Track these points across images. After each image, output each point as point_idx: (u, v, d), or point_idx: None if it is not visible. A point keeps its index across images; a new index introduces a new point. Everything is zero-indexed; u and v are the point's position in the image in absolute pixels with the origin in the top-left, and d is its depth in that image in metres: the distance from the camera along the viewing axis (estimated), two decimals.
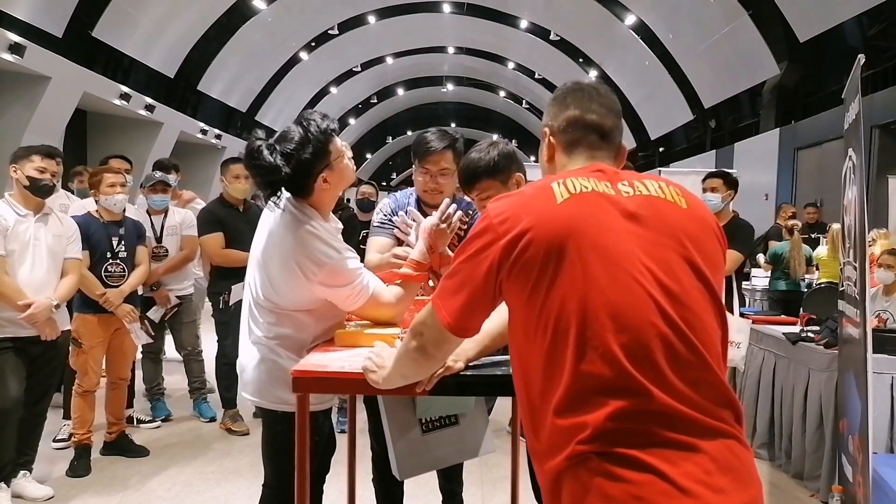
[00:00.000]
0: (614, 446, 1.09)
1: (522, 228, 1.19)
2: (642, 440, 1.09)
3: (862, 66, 2.91)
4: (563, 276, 1.16)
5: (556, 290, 1.16)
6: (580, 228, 1.18)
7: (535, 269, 1.18)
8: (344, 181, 2.06)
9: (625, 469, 1.07)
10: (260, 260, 2.03)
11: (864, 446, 2.59)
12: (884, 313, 4.16)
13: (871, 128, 9.10)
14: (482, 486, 3.50)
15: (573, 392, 1.13)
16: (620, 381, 1.11)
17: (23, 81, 9.71)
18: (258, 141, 1.91)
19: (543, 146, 1.44)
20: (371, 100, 27.59)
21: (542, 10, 18.06)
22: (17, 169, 3.20)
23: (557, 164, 1.40)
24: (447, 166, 2.45)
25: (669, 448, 1.08)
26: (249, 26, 15.79)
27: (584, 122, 1.37)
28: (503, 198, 1.29)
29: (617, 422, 1.09)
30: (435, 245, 2.14)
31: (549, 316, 1.17)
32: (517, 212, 1.22)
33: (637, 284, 1.15)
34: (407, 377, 1.51)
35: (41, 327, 3.15)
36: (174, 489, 3.50)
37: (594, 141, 1.37)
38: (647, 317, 1.14)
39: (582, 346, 1.13)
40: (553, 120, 1.41)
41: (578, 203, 1.22)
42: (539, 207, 1.22)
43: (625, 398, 1.10)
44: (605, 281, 1.15)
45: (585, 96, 1.39)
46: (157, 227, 4.46)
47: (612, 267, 1.16)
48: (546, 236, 1.18)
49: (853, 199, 2.96)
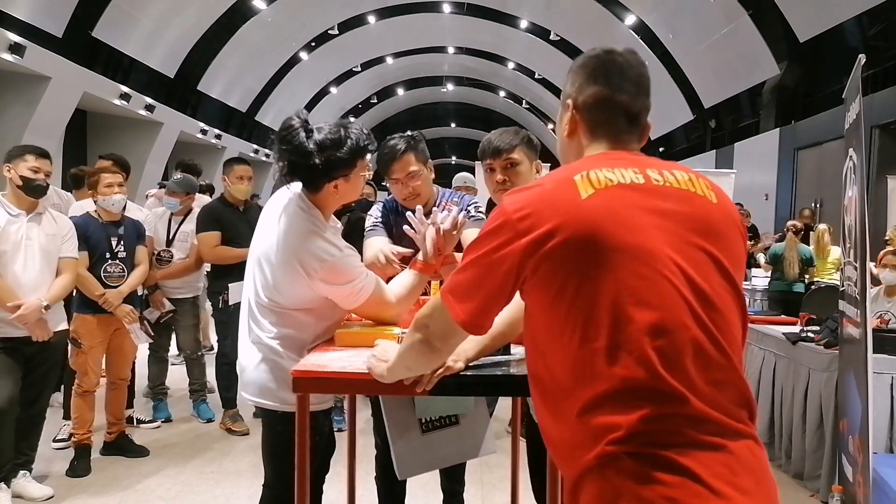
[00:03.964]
0: (648, 447, 1.06)
1: (548, 229, 1.12)
2: (675, 441, 1.06)
3: (862, 66, 2.91)
4: (592, 278, 1.10)
5: (586, 293, 1.11)
6: (608, 227, 1.11)
7: (561, 271, 1.12)
8: (351, 196, 2.09)
9: (658, 471, 1.04)
10: (261, 258, 2.03)
11: (864, 446, 2.59)
12: (886, 314, 4.16)
13: (871, 128, 9.10)
14: (482, 486, 3.50)
15: (605, 394, 1.08)
16: (655, 385, 1.07)
17: (23, 81, 9.71)
18: (296, 120, 1.93)
19: (564, 119, 1.31)
20: (371, 100, 27.58)
21: (542, 10, 18.06)
22: (10, 168, 3.20)
23: (577, 143, 1.30)
24: (414, 168, 2.43)
25: (700, 449, 1.06)
26: (249, 26, 15.79)
27: (614, 103, 1.26)
28: (520, 191, 1.20)
29: (650, 424, 1.06)
30: (443, 248, 2.15)
31: (578, 318, 1.11)
32: (539, 208, 1.14)
33: (670, 285, 1.11)
34: (411, 369, 1.49)
35: (31, 328, 3.13)
36: (174, 489, 3.50)
37: (622, 124, 1.27)
38: (681, 320, 1.10)
39: (615, 349, 1.08)
40: (578, 92, 1.28)
41: (604, 199, 1.14)
42: (563, 204, 1.14)
43: (659, 402, 1.07)
44: (636, 282, 1.10)
45: (617, 71, 1.26)
46: (173, 230, 4.45)
47: (644, 267, 1.11)
48: (573, 236, 1.11)
49: (853, 198, 2.96)
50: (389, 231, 2.53)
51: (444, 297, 1.25)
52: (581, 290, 1.11)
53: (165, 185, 4.61)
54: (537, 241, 1.12)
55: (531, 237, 1.13)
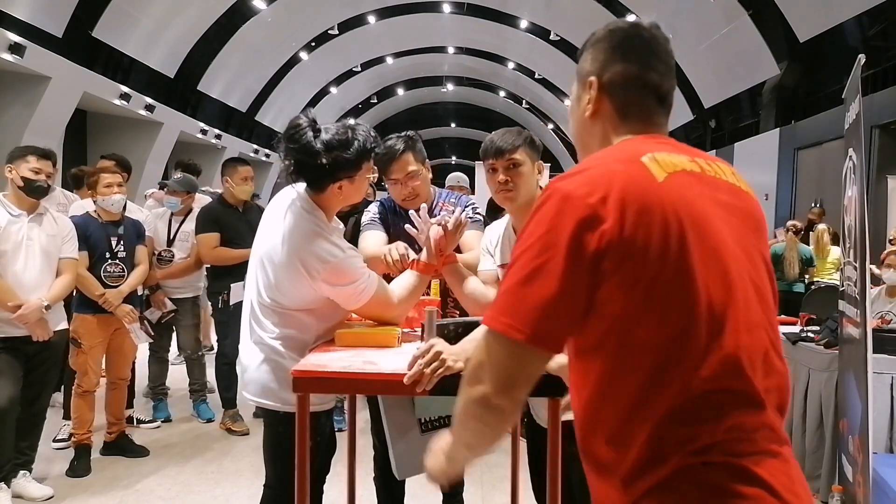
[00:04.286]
0: (726, 457, 0.97)
1: (625, 213, 0.96)
2: (748, 450, 0.98)
3: (862, 66, 2.91)
4: (675, 275, 0.97)
5: (668, 291, 0.97)
6: (687, 217, 0.99)
7: (643, 266, 0.96)
8: (354, 197, 2.09)
9: (737, 483, 0.96)
10: (263, 259, 2.03)
11: (864, 446, 2.59)
12: (887, 314, 4.16)
13: (871, 128, 9.10)
14: (482, 486, 3.50)
15: (687, 402, 0.97)
16: (741, 388, 0.99)
17: (23, 81, 9.71)
18: (304, 119, 1.93)
19: (585, 98, 1.17)
20: (371, 100, 27.57)
21: (542, 10, 18.05)
22: (12, 169, 3.20)
23: (602, 126, 1.16)
24: (413, 168, 2.43)
25: (768, 457, 0.99)
26: (249, 26, 15.77)
27: (644, 82, 1.13)
28: (578, 173, 1.03)
29: (731, 432, 0.97)
30: (444, 249, 2.15)
31: (657, 321, 0.97)
32: (611, 190, 0.97)
33: (743, 284, 1.02)
34: (472, 447, 1.15)
35: (32, 328, 3.14)
36: (174, 489, 3.50)
37: (653, 105, 1.14)
38: (756, 320, 1.03)
39: (701, 352, 0.97)
40: (602, 69, 1.15)
41: (678, 184, 1.02)
42: (639, 188, 0.99)
43: (741, 407, 0.99)
44: (718, 280, 0.99)
45: (646, 47, 1.14)
46: (173, 229, 4.46)
47: (721, 263, 1.00)
48: (656, 224, 0.96)
49: (853, 198, 2.96)
50: (387, 230, 2.53)
51: (488, 323, 1.01)
52: (663, 289, 0.97)
53: (166, 185, 4.61)
54: (617, 227, 0.95)
55: (611, 222, 0.95)
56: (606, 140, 1.15)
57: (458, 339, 1.75)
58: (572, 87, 1.23)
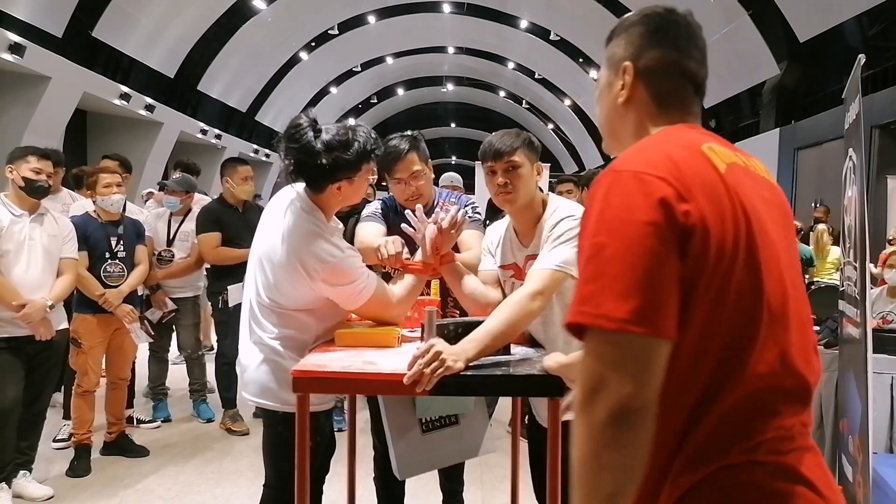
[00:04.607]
0: (771, 455, 0.95)
1: (700, 198, 0.92)
2: (791, 447, 0.97)
3: (862, 66, 2.91)
4: (747, 267, 0.94)
5: (740, 281, 0.94)
6: (750, 210, 0.96)
7: (720, 254, 0.92)
8: (353, 199, 2.09)
9: (780, 482, 0.95)
10: (262, 259, 2.03)
11: (864, 446, 2.59)
12: (889, 315, 4.16)
13: (871, 128, 9.09)
14: (482, 486, 3.50)
15: (746, 396, 0.95)
16: (791, 385, 0.98)
17: (23, 81, 9.71)
18: (305, 119, 1.93)
19: (618, 84, 1.13)
20: (371, 100, 27.57)
21: (542, 10, 18.05)
22: (12, 169, 3.21)
23: (636, 113, 1.12)
24: (417, 168, 2.43)
25: (806, 452, 0.99)
26: (249, 26, 15.77)
27: (681, 69, 1.10)
28: (637, 155, 0.98)
29: (780, 430, 0.96)
30: (440, 247, 2.15)
31: (727, 307, 0.93)
32: (682, 174, 0.93)
33: (791, 281, 1.01)
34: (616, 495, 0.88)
35: (36, 327, 3.15)
36: (174, 489, 3.50)
37: (689, 94, 1.12)
38: (805, 317, 1.02)
39: (760, 347, 0.95)
40: (638, 55, 1.11)
41: (737, 176, 0.99)
42: (706, 176, 0.96)
43: (791, 404, 0.98)
44: (776, 276, 0.98)
45: (683, 34, 1.12)
46: (173, 229, 4.46)
47: (776, 260, 0.98)
48: (727, 213, 0.94)
49: (853, 198, 2.96)
50: (387, 226, 2.52)
51: (600, 322, 0.89)
52: (737, 279, 0.94)
53: (165, 184, 4.61)
54: (691, 215, 0.91)
55: (686, 208, 0.91)
56: (642, 127, 1.11)
57: (458, 339, 1.75)
58: (600, 73, 1.19)
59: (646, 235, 0.88)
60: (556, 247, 1.92)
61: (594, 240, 0.92)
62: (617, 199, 0.92)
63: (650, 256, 0.88)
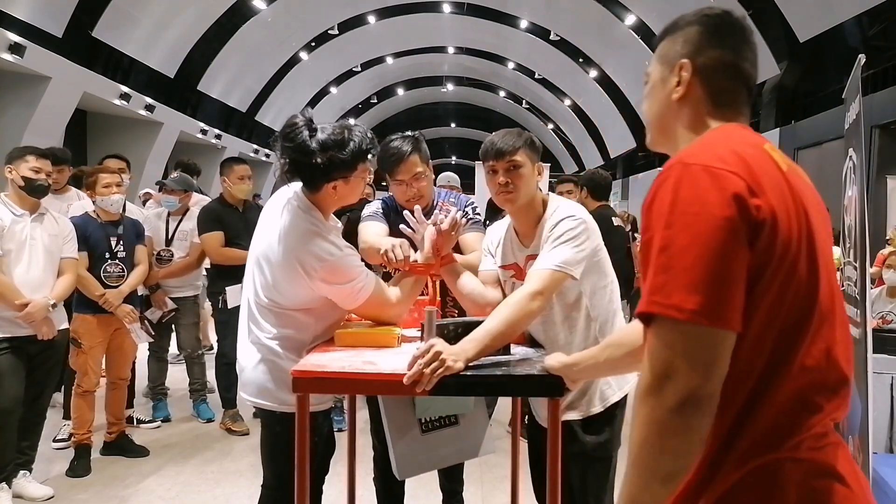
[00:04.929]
0: (810, 452, 0.98)
1: (769, 194, 0.95)
2: (827, 442, 1.00)
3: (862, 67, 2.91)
4: (807, 264, 0.98)
5: (800, 277, 0.97)
6: (808, 210, 1.00)
7: (786, 249, 0.95)
8: (349, 198, 2.08)
9: (815, 479, 0.98)
10: (260, 258, 2.03)
11: (864, 446, 2.59)
12: (888, 315, 4.16)
13: (871, 128, 9.09)
14: (482, 486, 3.50)
15: (794, 391, 0.97)
16: (833, 380, 1.00)
17: (23, 81, 9.71)
18: (300, 118, 1.93)
19: (673, 80, 1.14)
20: (371, 100, 27.58)
21: (542, 10, 18.05)
22: (12, 169, 3.22)
23: (691, 110, 1.13)
24: (419, 170, 2.42)
25: (837, 448, 1.02)
26: (249, 26, 15.78)
27: (738, 71, 1.12)
28: (706, 149, 0.99)
29: (820, 427, 0.98)
30: (441, 248, 2.15)
31: (787, 302, 0.96)
32: (751, 170, 0.95)
33: (834, 281, 1.03)
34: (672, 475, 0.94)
35: (38, 326, 3.15)
36: (174, 489, 3.50)
37: (742, 94, 1.13)
38: (846, 317, 1.06)
39: (809, 343, 0.98)
40: (697, 53, 1.12)
41: (795, 177, 1.03)
42: (773, 174, 0.99)
43: (833, 400, 1.00)
44: (827, 274, 1.01)
45: (739, 37, 1.14)
46: (171, 229, 4.46)
47: (827, 258, 1.02)
48: (791, 211, 0.97)
49: (853, 198, 2.96)
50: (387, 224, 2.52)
51: (672, 312, 0.92)
52: (798, 275, 0.97)
53: (164, 184, 4.61)
54: (760, 211, 0.93)
55: (756, 202, 0.93)
56: (697, 123, 1.13)
57: (458, 339, 1.74)
58: (650, 69, 1.20)
59: (719, 229, 0.91)
60: (557, 247, 1.92)
61: (666, 232, 0.94)
62: (688, 192, 0.94)
63: (721, 250, 0.91)
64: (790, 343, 0.97)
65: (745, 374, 0.96)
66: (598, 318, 2.06)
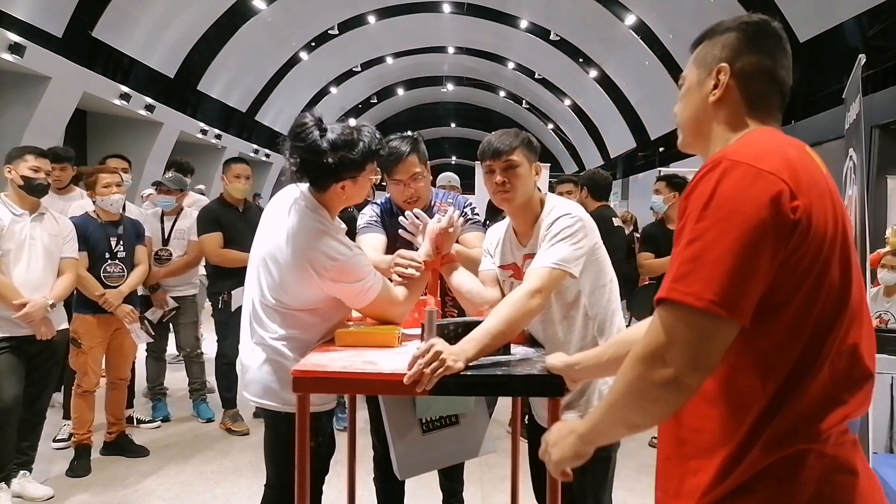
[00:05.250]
0: (833, 447, 1.02)
1: (811, 195, 0.98)
2: (844, 438, 1.04)
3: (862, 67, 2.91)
4: (841, 264, 1.02)
5: (832, 276, 1.01)
6: (844, 212, 1.05)
7: (820, 248, 0.99)
8: (356, 198, 2.09)
9: (834, 474, 1.01)
10: (266, 258, 2.03)
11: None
12: (885, 314, 4.16)
13: (871, 128, 9.09)
14: (482, 486, 3.50)
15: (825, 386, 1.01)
16: (858, 376, 1.04)
17: (23, 81, 9.71)
18: (310, 118, 1.94)
19: (709, 83, 1.17)
20: (371, 100, 27.57)
21: (542, 10, 18.06)
22: (11, 169, 3.22)
23: (727, 113, 1.16)
24: (417, 170, 2.44)
25: (852, 444, 1.05)
26: (249, 26, 15.78)
27: (774, 77, 1.16)
28: (752, 148, 1.03)
29: (843, 422, 1.02)
30: (441, 246, 2.15)
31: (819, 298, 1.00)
32: (796, 171, 0.99)
33: (861, 281, 1.08)
34: (637, 426, 1.07)
35: (36, 326, 3.15)
36: (174, 489, 3.50)
37: (777, 100, 1.17)
38: (869, 315, 1.10)
39: (839, 340, 1.02)
40: (735, 58, 1.15)
41: (832, 180, 1.08)
42: (815, 176, 1.03)
43: (856, 395, 1.04)
44: (857, 276, 1.05)
45: (777, 44, 1.16)
46: (167, 229, 4.47)
47: (856, 261, 1.06)
48: (829, 212, 1.01)
49: (853, 198, 2.96)
50: (385, 232, 2.52)
51: (685, 298, 0.97)
52: (832, 274, 1.01)
53: (162, 183, 4.62)
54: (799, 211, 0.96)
55: (797, 203, 0.97)
56: (734, 126, 1.15)
57: (458, 339, 1.75)
58: (687, 73, 1.23)
59: (751, 230, 0.95)
60: (554, 245, 1.92)
61: (698, 224, 0.98)
62: (729, 188, 0.97)
63: (750, 250, 0.95)
64: (822, 340, 1.01)
65: (775, 367, 1.00)
66: (597, 318, 2.06)
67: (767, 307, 0.99)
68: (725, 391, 1.04)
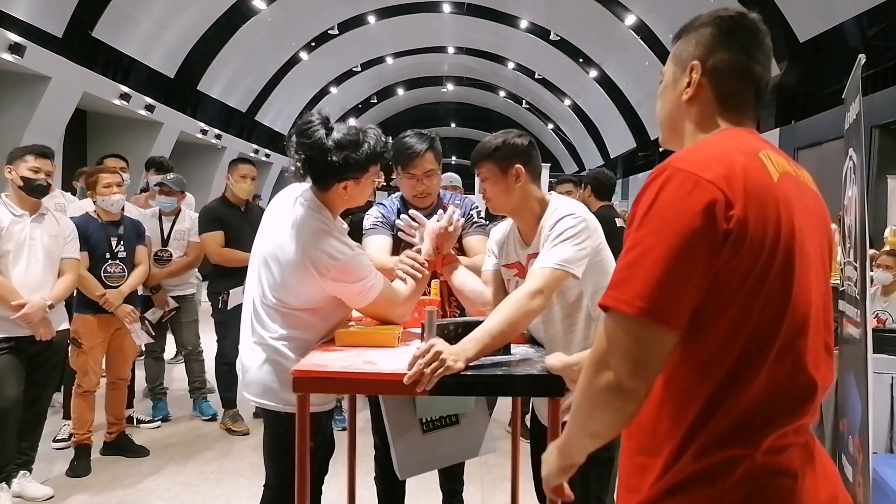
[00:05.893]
0: (771, 456, 1.01)
1: (750, 204, 0.97)
2: (788, 442, 1.03)
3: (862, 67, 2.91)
4: (782, 274, 1.00)
5: (772, 287, 0.99)
6: (794, 220, 1.01)
7: (757, 258, 0.98)
8: (358, 200, 2.09)
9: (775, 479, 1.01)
10: (268, 257, 2.03)
11: (864, 446, 2.59)
12: (882, 314, 4.16)
13: (871, 128, 9.10)
14: (482, 486, 3.50)
15: (762, 393, 1.00)
16: (802, 385, 1.03)
17: (23, 81, 9.71)
18: (316, 116, 1.94)
19: (683, 81, 1.16)
20: (371, 100, 27.58)
21: (542, 10, 18.06)
22: (11, 170, 3.21)
23: (698, 111, 1.15)
24: (431, 167, 2.47)
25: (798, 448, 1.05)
26: (249, 26, 15.79)
27: (748, 73, 1.13)
28: (699, 154, 1.02)
29: (784, 429, 1.01)
30: (441, 247, 2.15)
31: (756, 308, 0.99)
32: (738, 179, 0.98)
33: (817, 289, 1.06)
34: (600, 435, 1.08)
35: (35, 327, 3.15)
36: (174, 489, 3.50)
37: (750, 97, 1.14)
38: (825, 322, 1.08)
39: (781, 350, 1.00)
40: (707, 55, 1.13)
41: (786, 186, 1.04)
42: (760, 184, 1.00)
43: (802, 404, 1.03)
44: (806, 283, 1.03)
45: (752, 38, 1.13)
46: (166, 229, 4.48)
47: (807, 267, 1.03)
48: (772, 221, 0.98)
49: (853, 198, 2.96)
50: (391, 234, 2.53)
51: (618, 304, 0.98)
52: (770, 284, 0.99)
53: (163, 183, 4.61)
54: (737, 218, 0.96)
55: (735, 210, 0.96)
56: (703, 126, 1.15)
57: (458, 339, 1.74)
58: (665, 69, 1.22)
59: (683, 238, 0.95)
60: (556, 245, 1.91)
61: (638, 232, 0.99)
62: (668, 196, 0.97)
63: (682, 258, 0.95)
64: (758, 350, 1.00)
65: (709, 374, 1.01)
66: (599, 319, 2.05)
67: (703, 316, 0.98)
68: (668, 393, 1.05)
